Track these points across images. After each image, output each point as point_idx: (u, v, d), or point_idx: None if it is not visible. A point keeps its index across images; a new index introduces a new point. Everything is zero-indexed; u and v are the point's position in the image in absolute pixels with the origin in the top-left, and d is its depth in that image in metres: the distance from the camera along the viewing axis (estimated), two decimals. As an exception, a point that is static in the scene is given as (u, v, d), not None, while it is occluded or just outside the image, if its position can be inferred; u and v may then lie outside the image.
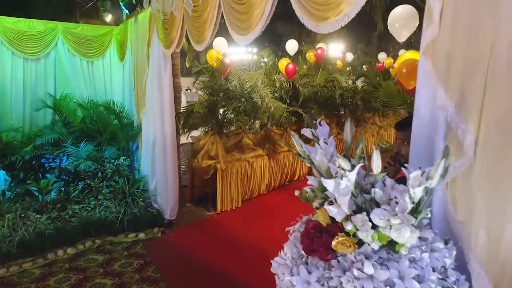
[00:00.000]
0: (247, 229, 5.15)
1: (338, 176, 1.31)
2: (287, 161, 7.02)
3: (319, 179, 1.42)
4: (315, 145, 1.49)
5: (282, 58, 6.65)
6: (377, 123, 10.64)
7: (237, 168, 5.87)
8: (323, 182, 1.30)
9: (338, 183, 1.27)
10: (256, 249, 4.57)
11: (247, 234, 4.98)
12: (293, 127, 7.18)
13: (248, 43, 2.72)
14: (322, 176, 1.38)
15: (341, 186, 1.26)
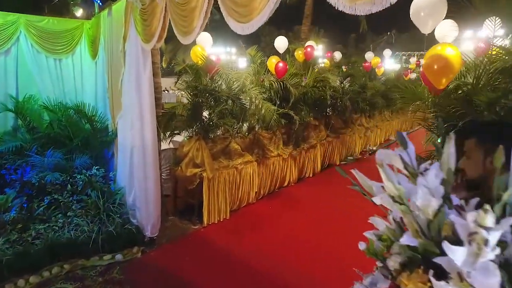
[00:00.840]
0: (237, 243, 4.65)
1: (470, 239, 0.78)
2: (277, 166, 6.56)
3: (413, 231, 0.92)
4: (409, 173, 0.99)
5: (271, 56, 6.20)
6: (364, 124, 10.38)
7: (225, 176, 5.36)
8: (446, 247, 0.78)
9: (475, 253, 0.74)
10: (249, 267, 4.09)
11: (238, 249, 4.48)
12: (282, 130, 6.74)
13: (249, 33, 2.24)
14: (423, 233, 0.88)
15: (480, 259, 0.74)
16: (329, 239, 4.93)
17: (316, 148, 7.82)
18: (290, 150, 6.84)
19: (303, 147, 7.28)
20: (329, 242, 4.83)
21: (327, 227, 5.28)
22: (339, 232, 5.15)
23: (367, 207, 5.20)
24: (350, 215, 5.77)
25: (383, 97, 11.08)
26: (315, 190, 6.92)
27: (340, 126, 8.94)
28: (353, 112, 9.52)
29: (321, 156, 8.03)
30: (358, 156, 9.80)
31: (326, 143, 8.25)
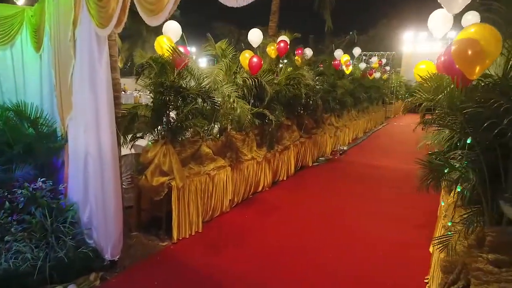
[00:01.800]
0: (214, 261, 4.09)
1: None
2: (251, 170, 6.06)
3: None
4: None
5: (244, 50, 5.68)
6: (334, 124, 10.18)
7: (196, 184, 4.76)
8: None
9: None
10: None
11: (215, 268, 3.93)
12: (255, 132, 6.25)
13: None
14: None
15: None
16: (314, 245, 4.51)
17: (290, 150, 7.41)
18: (264, 153, 6.37)
19: (277, 149, 6.83)
20: (315, 249, 4.41)
21: (310, 234, 4.86)
22: (322, 238, 4.76)
23: (346, 209, 4.79)
24: (330, 219, 5.40)
25: (352, 96, 10.96)
26: (291, 195, 6.50)
27: (311, 126, 8.62)
28: (323, 111, 9.25)
29: (294, 157, 7.64)
30: (329, 157, 9.56)
31: (299, 144, 7.88)
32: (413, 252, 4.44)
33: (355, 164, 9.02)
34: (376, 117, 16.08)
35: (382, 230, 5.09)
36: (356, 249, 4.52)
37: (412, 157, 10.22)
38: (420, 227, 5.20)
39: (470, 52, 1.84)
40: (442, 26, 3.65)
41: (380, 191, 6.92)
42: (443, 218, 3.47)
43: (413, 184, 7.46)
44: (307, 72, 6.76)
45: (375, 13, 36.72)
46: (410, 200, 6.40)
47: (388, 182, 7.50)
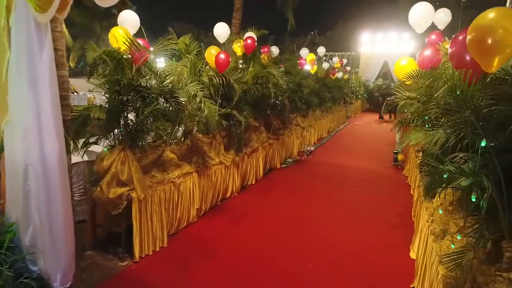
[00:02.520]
0: (181, 278, 3.65)
1: None
2: (219, 176, 5.64)
3: None
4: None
5: (210, 46, 5.25)
6: (300, 124, 10.00)
7: (160, 194, 4.28)
8: None
9: None
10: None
11: (182, 287, 3.49)
12: (223, 134, 5.84)
13: None
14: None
15: None
16: (289, 254, 4.19)
17: (258, 152, 7.08)
18: (232, 156, 5.97)
19: (245, 152, 6.46)
20: (290, 258, 4.09)
21: (283, 241, 4.54)
22: (297, 246, 4.45)
23: (318, 212, 4.43)
24: (303, 224, 5.12)
25: (317, 95, 10.85)
26: (261, 200, 6.16)
27: (279, 126, 8.35)
28: (290, 111, 9.02)
29: (263, 160, 7.31)
30: (296, 158, 9.34)
31: (268, 145, 7.56)
32: (392, 257, 4.25)
33: (323, 165, 8.87)
34: (339, 116, 16.21)
35: (357, 233, 4.89)
36: (333, 256, 4.27)
37: (376, 156, 10.27)
38: (395, 229, 5.05)
39: (491, 40, 1.60)
40: (423, 21, 3.46)
41: (349, 192, 6.76)
42: (430, 223, 3.27)
43: (380, 183, 7.45)
44: (275, 70, 6.45)
45: (332, 15, 37.48)
46: (380, 200, 6.31)
47: (356, 182, 7.39)
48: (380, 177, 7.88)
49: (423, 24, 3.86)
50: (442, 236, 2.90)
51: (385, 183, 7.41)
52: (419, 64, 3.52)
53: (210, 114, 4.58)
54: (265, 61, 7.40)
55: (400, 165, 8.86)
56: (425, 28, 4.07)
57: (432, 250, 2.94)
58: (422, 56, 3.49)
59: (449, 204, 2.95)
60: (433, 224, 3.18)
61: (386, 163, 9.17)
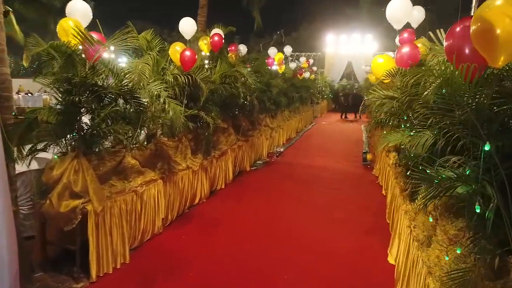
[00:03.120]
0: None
1: None
2: (186, 182, 5.27)
3: None
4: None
5: (175, 43, 4.86)
6: (269, 125, 9.80)
7: (120, 205, 3.86)
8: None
9: None
10: None
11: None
12: (189, 136, 5.48)
13: None
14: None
15: None
16: (264, 264, 3.91)
17: (227, 155, 6.76)
18: (200, 160, 5.62)
19: (214, 155, 6.13)
20: (266, 268, 3.82)
21: (257, 250, 4.26)
22: (272, 253, 4.19)
23: (291, 216, 4.10)
24: (277, 230, 4.87)
25: (285, 95, 10.69)
26: (231, 205, 5.85)
27: (248, 128, 8.07)
28: (259, 112, 8.77)
29: (232, 163, 7.01)
30: (266, 159, 9.11)
31: (237, 147, 7.27)
32: (370, 262, 4.09)
33: (293, 166, 8.69)
34: (306, 116, 16.20)
35: (332, 236, 4.71)
36: (308, 259, 4.06)
37: (345, 155, 10.22)
38: (370, 231, 4.92)
39: (500, 30, 1.40)
40: (401, 16, 3.31)
41: (321, 192, 6.61)
42: (412, 228, 3.12)
43: (351, 184, 7.37)
44: (244, 69, 6.17)
45: (296, 16, 37.76)
46: (352, 201, 6.20)
47: (328, 182, 7.26)
48: (351, 177, 7.81)
49: (401, 19, 3.72)
50: (427, 243, 2.74)
51: (356, 183, 7.33)
52: (397, 62, 3.38)
53: (175, 115, 4.22)
54: (233, 60, 7.10)
55: (369, 164, 8.86)
56: (403, 24, 3.93)
57: (418, 258, 2.77)
58: (400, 53, 3.35)
59: (434, 209, 2.79)
60: (416, 230, 3.02)
61: (355, 163, 9.15)
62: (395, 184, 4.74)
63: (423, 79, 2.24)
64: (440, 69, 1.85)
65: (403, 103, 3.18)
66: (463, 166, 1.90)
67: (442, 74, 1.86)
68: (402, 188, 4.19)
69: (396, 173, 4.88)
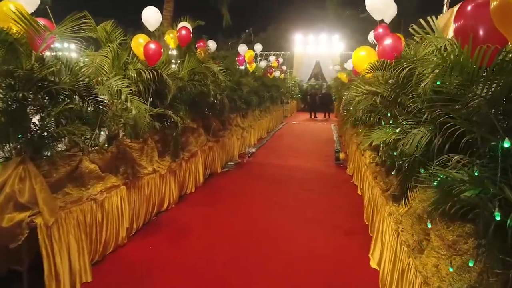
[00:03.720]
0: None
1: None
2: (153, 186, 4.86)
3: None
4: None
5: (138, 35, 4.44)
6: (240, 125, 9.49)
7: (78, 216, 3.42)
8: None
9: None
10: None
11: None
12: (156, 137, 5.07)
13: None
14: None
15: None
16: (240, 274, 3.60)
17: (197, 157, 6.39)
18: (168, 163, 5.22)
19: (183, 157, 5.74)
20: (242, 278, 3.51)
21: (232, 258, 3.95)
22: (248, 261, 3.90)
23: (266, 219, 3.75)
24: (253, 235, 4.58)
25: (256, 94, 10.43)
26: (202, 210, 5.49)
27: (218, 128, 7.73)
28: (229, 111, 8.44)
29: (203, 165, 6.64)
30: (238, 160, 8.80)
31: (207, 149, 6.90)
32: (351, 266, 3.89)
33: (266, 166, 8.44)
34: (277, 116, 16.04)
35: (310, 238, 4.49)
36: (287, 263, 3.80)
37: (317, 155, 10.06)
38: (349, 233, 4.74)
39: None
40: (382, 6, 3.12)
41: (296, 193, 6.39)
42: (400, 231, 2.92)
43: (326, 183, 7.21)
44: (215, 65, 5.82)
45: (264, 17, 37.59)
46: (328, 201, 6.02)
47: (301, 183, 7.05)
48: (325, 177, 7.66)
49: (381, 9, 3.55)
50: (419, 249, 2.54)
51: (331, 183, 7.18)
52: (380, 54, 3.19)
53: (139, 114, 3.82)
54: (202, 57, 6.73)
55: (342, 163, 8.78)
56: (383, 15, 3.76)
57: (409, 265, 2.57)
58: (383, 45, 3.16)
59: (423, 211, 2.60)
60: (405, 234, 2.83)
61: (328, 162, 9.03)
62: (374, 184, 4.58)
63: (419, 70, 2.02)
64: (442, 56, 1.63)
65: (387, 98, 2.98)
66: (468, 166, 1.68)
67: (448, 59, 1.63)
68: (383, 188, 4.02)
69: (374, 172, 4.73)
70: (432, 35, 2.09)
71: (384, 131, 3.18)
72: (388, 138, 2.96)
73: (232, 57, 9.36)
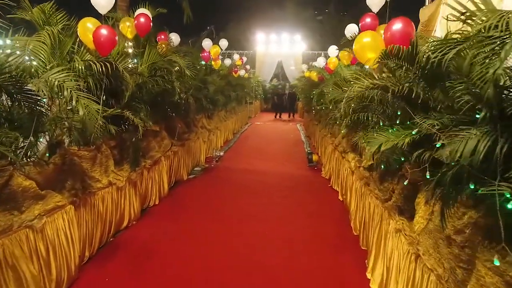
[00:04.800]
0: None
1: None
2: (109, 202, 4.07)
3: None
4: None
5: (85, 18, 3.63)
6: (207, 126, 8.78)
7: (9, 251, 2.59)
8: None
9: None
10: None
11: None
12: (112, 144, 4.27)
13: None
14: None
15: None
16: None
17: (161, 164, 5.62)
18: (127, 173, 4.43)
19: (144, 165, 4.96)
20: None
21: (206, 283, 3.29)
22: (223, 278, 3.26)
23: (240, 234, 2.98)
24: (226, 251, 3.93)
25: (222, 94, 9.75)
26: (168, 226, 4.75)
27: (183, 130, 6.98)
28: (195, 112, 7.71)
29: (167, 173, 5.88)
30: (205, 165, 8.08)
31: (172, 154, 6.15)
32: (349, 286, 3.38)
33: (236, 172, 7.80)
34: (242, 117, 15.44)
35: (299, 260, 3.91)
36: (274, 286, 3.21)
37: (288, 157, 9.42)
38: (339, 248, 4.23)
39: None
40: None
41: (271, 203, 5.78)
42: (421, 254, 2.42)
43: (303, 189, 6.69)
44: (181, 59, 5.10)
45: (223, 16, 36.71)
46: (308, 210, 5.49)
47: (276, 190, 6.49)
48: (300, 182, 7.15)
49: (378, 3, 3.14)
50: (455, 280, 2.04)
51: (308, 189, 6.69)
52: (387, 41, 2.70)
53: (89, 116, 3.04)
54: (163, 51, 5.96)
55: (315, 166, 8.34)
56: (379, 6, 3.36)
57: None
58: (391, 31, 2.68)
59: (456, 232, 2.10)
60: (428, 259, 2.33)
61: (301, 165, 8.56)
62: (365, 191, 4.11)
63: (472, 52, 1.52)
64: None
65: (397, 93, 2.47)
66: None
67: None
68: (380, 197, 3.55)
69: (363, 178, 4.27)
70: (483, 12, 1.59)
71: (393, 133, 2.67)
72: (401, 141, 2.46)
73: (197, 53, 8.61)
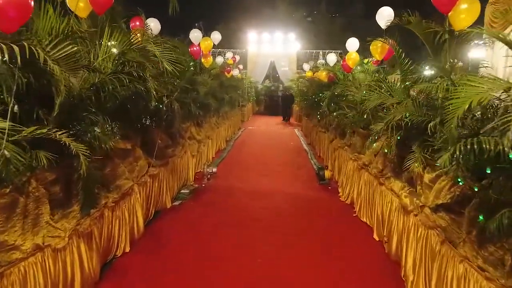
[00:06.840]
0: None
1: None
2: (40, 278, 2.50)
3: None
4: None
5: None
6: (196, 137, 7.23)
7: None
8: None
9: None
10: None
11: None
12: (50, 177, 2.71)
13: None
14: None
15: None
16: None
17: (134, 194, 4.07)
18: (74, 222, 2.88)
19: (106, 203, 3.41)
20: None
21: None
22: None
23: None
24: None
25: (214, 97, 8.21)
26: (143, 284, 3.22)
27: (166, 144, 5.44)
28: (181, 120, 6.15)
29: (142, 205, 4.32)
30: (194, 186, 6.53)
31: (150, 178, 4.60)
32: None
33: (233, 193, 6.27)
34: (235, 122, 13.92)
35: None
36: None
37: (293, 171, 6.96)
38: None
39: None
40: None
41: (285, 245, 4.27)
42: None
43: (320, 219, 4.56)
44: (158, 49, 3.59)
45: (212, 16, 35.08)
46: (335, 260, 3.92)
47: (287, 222, 4.97)
48: (313, 208, 5.65)
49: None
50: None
51: (326, 219, 5.17)
52: None
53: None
54: (138, 40, 4.41)
55: (328, 184, 6.86)
56: None
57: None
58: None
59: None
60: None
61: (309, 183, 7.07)
62: (447, 251, 2.64)
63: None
64: None
65: None
66: None
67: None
68: (493, 274, 2.09)
69: (437, 226, 2.81)
70: None
71: None
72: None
73: (184, 47, 7.07)
